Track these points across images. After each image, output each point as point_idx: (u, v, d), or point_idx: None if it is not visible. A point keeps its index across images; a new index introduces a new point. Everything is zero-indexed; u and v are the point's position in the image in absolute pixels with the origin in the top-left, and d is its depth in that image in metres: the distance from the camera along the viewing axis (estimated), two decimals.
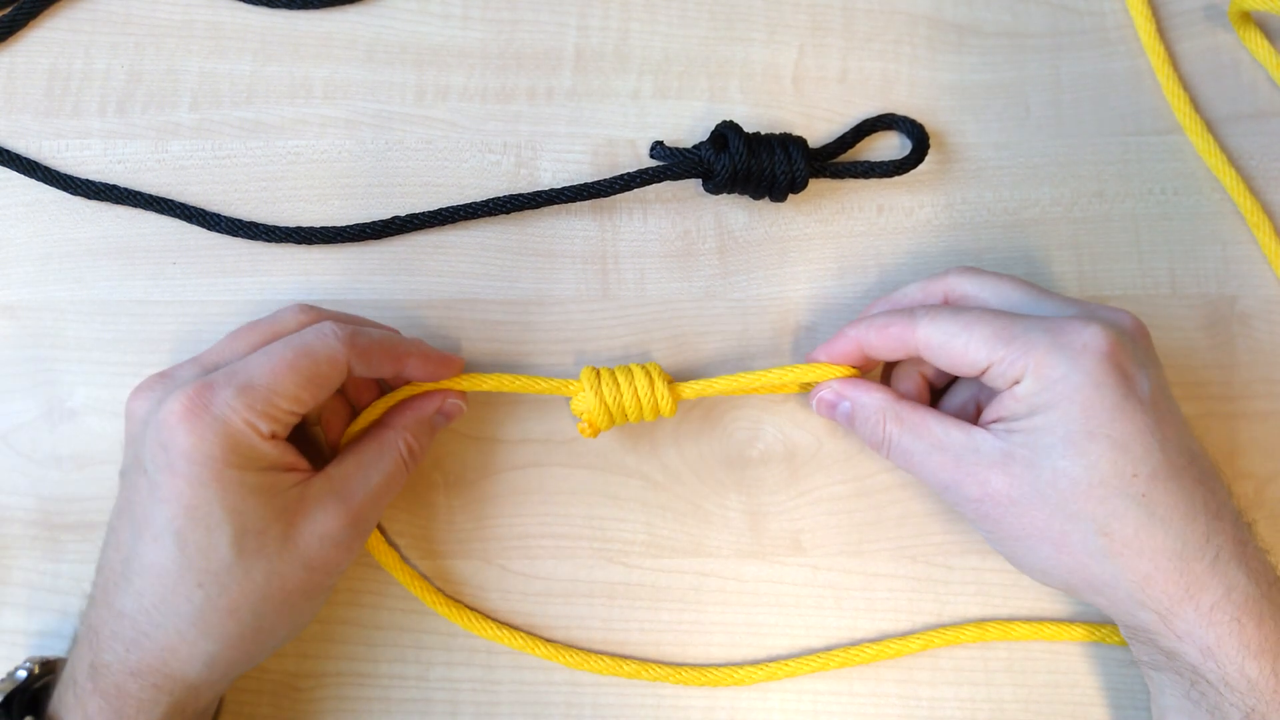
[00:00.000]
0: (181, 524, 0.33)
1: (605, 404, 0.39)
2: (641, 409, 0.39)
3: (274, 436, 0.35)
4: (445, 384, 0.40)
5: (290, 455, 0.35)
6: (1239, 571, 0.34)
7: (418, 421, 0.39)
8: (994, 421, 0.36)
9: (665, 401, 0.39)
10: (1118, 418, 0.34)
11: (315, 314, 0.38)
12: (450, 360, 0.40)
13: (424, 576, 0.42)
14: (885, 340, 0.38)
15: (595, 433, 0.40)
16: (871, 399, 0.39)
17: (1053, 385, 0.34)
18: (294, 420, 0.35)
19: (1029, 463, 0.35)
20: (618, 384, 0.39)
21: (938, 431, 0.37)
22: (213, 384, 0.34)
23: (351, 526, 0.36)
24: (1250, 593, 0.34)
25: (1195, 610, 0.34)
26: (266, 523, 0.34)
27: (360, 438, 0.39)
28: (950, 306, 0.38)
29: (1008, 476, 0.35)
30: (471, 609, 0.41)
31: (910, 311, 0.38)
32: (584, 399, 0.39)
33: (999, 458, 0.35)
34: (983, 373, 0.36)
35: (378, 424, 0.39)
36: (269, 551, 0.34)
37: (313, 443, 0.41)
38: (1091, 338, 0.35)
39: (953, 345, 0.36)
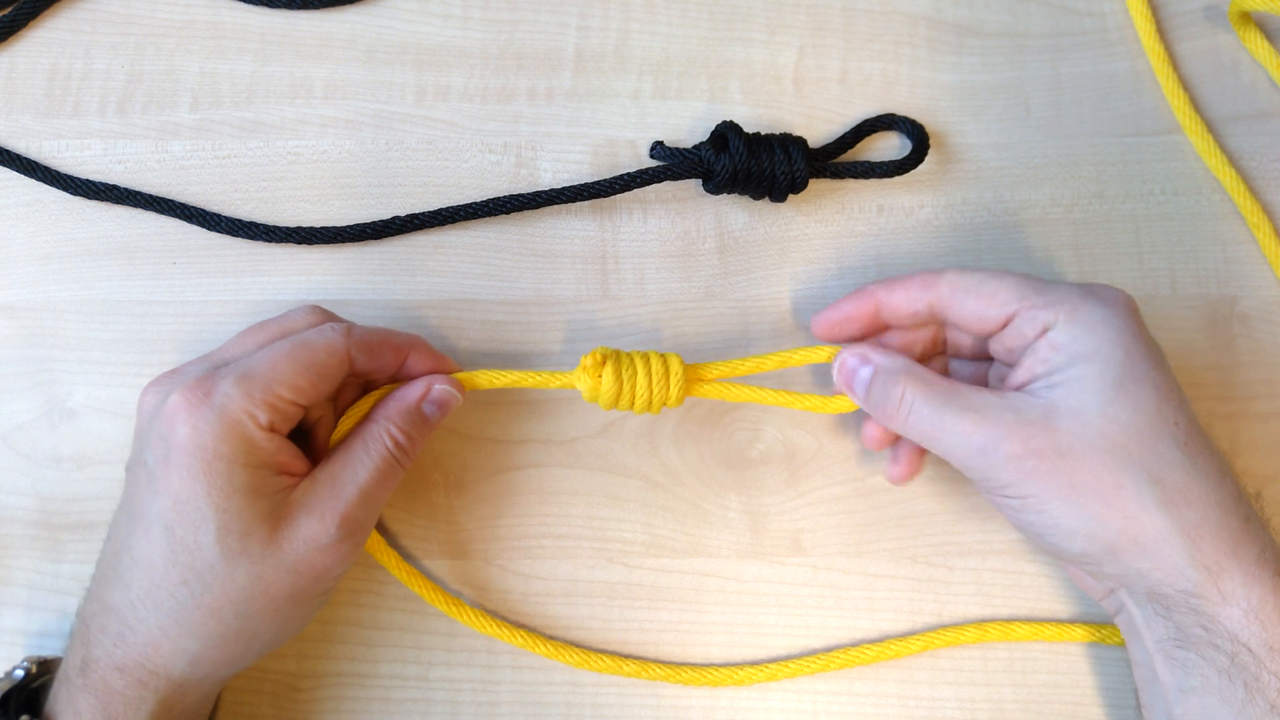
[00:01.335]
0: (171, 517, 0.33)
1: (618, 355, 0.38)
2: (650, 374, 0.38)
3: (273, 429, 0.34)
4: (458, 375, 0.39)
5: (287, 455, 0.35)
6: (1264, 532, 0.34)
7: (401, 411, 0.37)
8: (1028, 383, 0.35)
9: (675, 367, 0.38)
10: (1155, 367, 0.34)
11: (325, 315, 0.38)
12: (447, 359, 0.39)
13: (425, 574, 0.42)
14: (907, 290, 0.37)
15: (601, 386, 0.38)
16: (895, 361, 0.37)
17: (1093, 329, 0.34)
18: (294, 412, 0.35)
19: (1076, 413, 0.34)
20: (630, 355, 0.38)
21: (968, 394, 0.35)
22: (214, 377, 0.34)
23: (340, 529, 0.35)
24: (1278, 552, 0.34)
25: (1240, 567, 0.33)
26: (251, 524, 0.33)
27: (346, 437, 0.38)
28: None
29: (1053, 431, 0.34)
30: (472, 607, 0.41)
31: (932, 269, 0.38)
32: (593, 356, 0.38)
33: (1041, 414, 0.34)
34: (1005, 323, 0.36)
35: (363, 420, 0.38)
36: (253, 554, 0.33)
37: (317, 452, 0.40)
38: (1117, 294, 0.36)
39: (981, 290, 0.36)
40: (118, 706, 0.33)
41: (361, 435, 0.37)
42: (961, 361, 0.41)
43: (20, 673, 0.36)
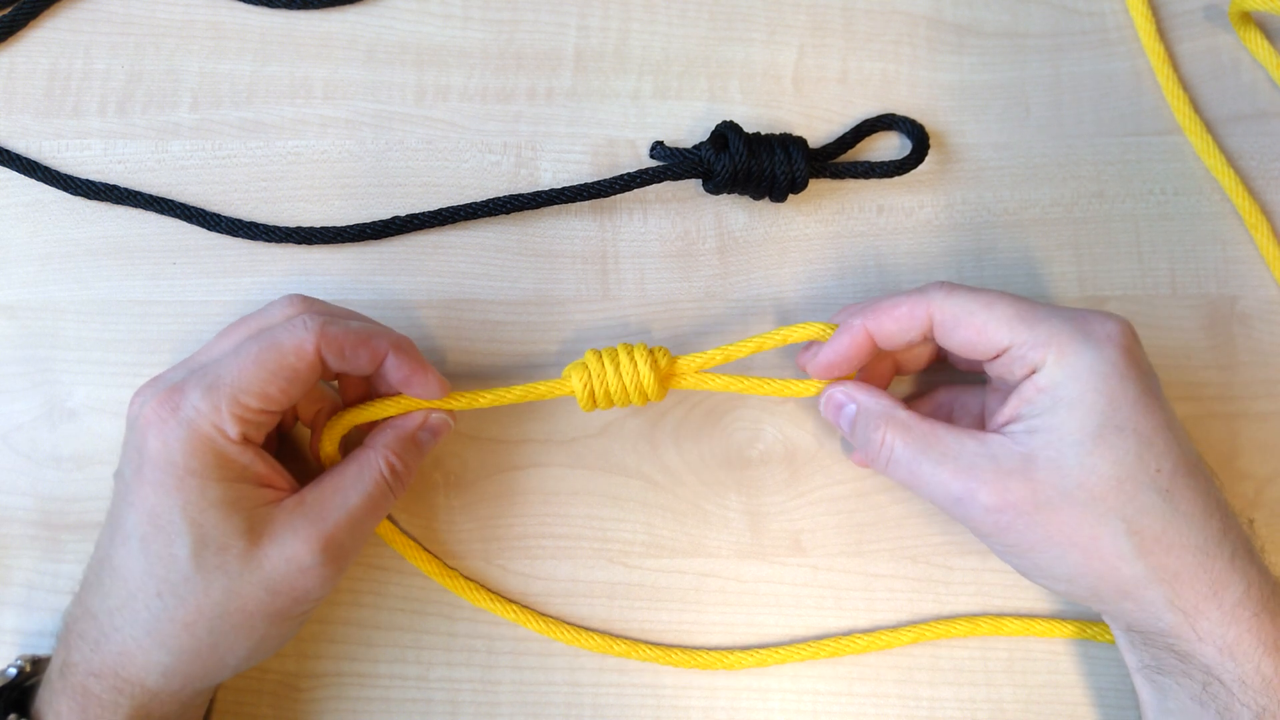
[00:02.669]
0: (146, 530, 0.33)
1: (591, 376, 0.38)
2: (623, 382, 0.38)
3: (245, 441, 0.34)
4: (438, 404, 0.38)
5: (264, 467, 0.35)
6: (1253, 568, 0.34)
7: (400, 439, 0.37)
8: (1009, 424, 0.35)
9: (647, 376, 0.37)
10: (1140, 411, 0.34)
11: (305, 306, 0.37)
12: (429, 368, 0.37)
13: (427, 549, 0.42)
14: (896, 321, 0.36)
15: (591, 405, 0.38)
16: (877, 404, 0.37)
17: (1078, 376, 0.33)
18: (266, 420, 0.35)
19: (1055, 463, 0.33)
20: (615, 360, 0.38)
21: (948, 440, 0.35)
22: (183, 388, 0.34)
23: (323, 552, 0.34)
24: (1265, 589, 0.34)
25: (1219, 608, 0.33)
26: (228, 538, 0.33)
27: (341, 459, 0.37)
28: (966, 285, 0.37)
29: (1030, 482, 0.34)
30: (470, 580, 0.41)
31: (921, 289, 0.37)
32: (576, 372, 0.38)
33: (1019, 463, 0.34)
34: (998, 356, 0.35)
35: (360, 444, 0.38)
36: (230, 569, 0.33)
37: (305, 464, 0.40)
38: (1113, 329, 0.35)
39: (972, 322, 0.35)
40: (94, 710, 0.33)
41: (356, 460, 0.37)
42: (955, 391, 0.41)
43: (13, 671, 0.36)
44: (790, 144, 0.42)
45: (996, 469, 0.34)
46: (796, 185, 0.42)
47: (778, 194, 0.42)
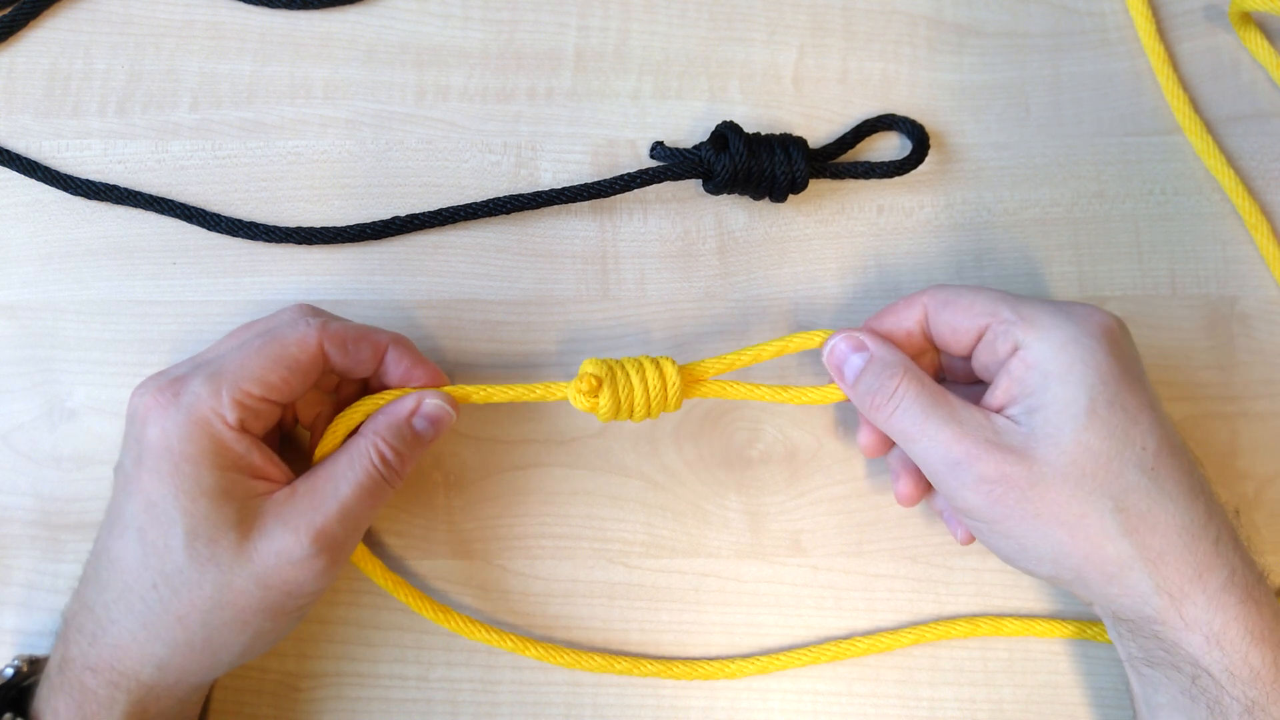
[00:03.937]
0: (143, 520, 0.33)
1: (613, 371, 0.37)
2: (647, 388, 0.37)
3: (243, 428, 0.34)
4: (432, 389, 0.38)
5: (260, 459, 0.34)
6: (1237, 555, 0.34)
7: (391, 425, 0.36)
8: (1006, 407, 0.35)
9: (672, 378, 0.37)
10: (1126, 388, 0.34)
11: (311, 311, 0.37)
12: (428, 361, 0.38)
13: (413, 582, 0.42)
14: (895, 317, 0.38)
15: (599, 406, 0.37)
16: (893, 354, 0.37)
17: (1063, 348, 0.34)
18: (265, 410, 0.35)
19: (1053, 440, 0.34)
20: (625, 369, 0.37)
21: (955, 404, 0.35)
22: (186, 377, 0.34)
23: (315, 544, 0.33)
24: (1249, 577, 0.34)
25: (1204, 593, 0.33)
26: (219, 529, 0.33)
27: (335, 450, 0.37)
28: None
29: (1030, 460, 0.34)
30: (460, 613, 0.41)
31: (917, 292, 0.39)
32: (587, 381, 0.37)
33: (1022, 441, 0.34)
34: (979, 336, 0.36)
35: (352, 434, 0.37)
36: (222, 561, 0.33)
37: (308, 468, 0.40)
38: (1093, 313, 0.36)
39: (959, 302, 0.36)
40: (91, 706, 0.33)
41: (348, 449, 0.36)
42: (957, 387, 0.41)
43: (10, 671, 0.36)
44: (790, 144, 0.42)
45: (999, 442, 0.34)
46: (796, 185, 0.42)
47: (778, 194, 0.42)
